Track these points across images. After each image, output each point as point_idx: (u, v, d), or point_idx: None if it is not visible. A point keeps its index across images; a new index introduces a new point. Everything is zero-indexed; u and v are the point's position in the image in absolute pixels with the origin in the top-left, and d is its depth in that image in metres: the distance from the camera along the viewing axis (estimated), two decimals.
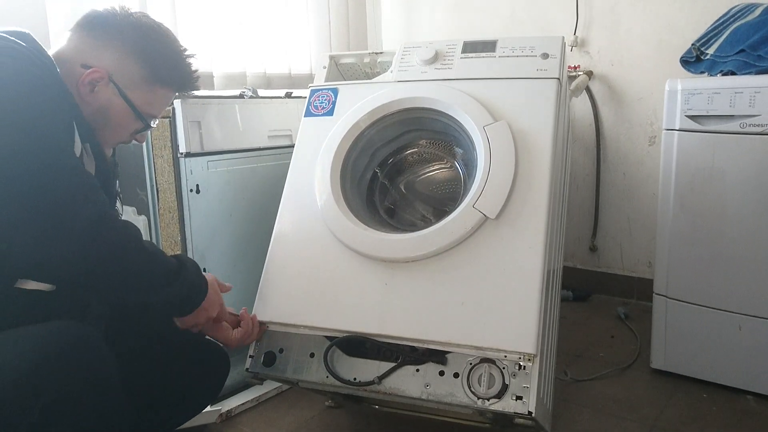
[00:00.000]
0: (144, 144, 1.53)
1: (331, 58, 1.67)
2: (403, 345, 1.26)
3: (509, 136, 1.34)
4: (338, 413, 1.67)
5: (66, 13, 1.72)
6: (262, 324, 1.37)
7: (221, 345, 1.35)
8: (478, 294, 1.24)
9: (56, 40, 1.67)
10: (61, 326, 0.97)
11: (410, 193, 1.62)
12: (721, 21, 1.83)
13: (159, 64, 1.15)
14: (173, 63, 1.17)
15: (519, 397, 1.17)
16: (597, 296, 2.53)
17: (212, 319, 1.22)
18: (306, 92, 1.61)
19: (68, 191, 0.93)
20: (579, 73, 2.43)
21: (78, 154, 1.06)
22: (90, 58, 1.09)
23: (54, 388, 0.91)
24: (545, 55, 1.43)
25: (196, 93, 1.99)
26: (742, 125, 1.60)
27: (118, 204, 1.27)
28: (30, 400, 0.88)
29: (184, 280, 1.10)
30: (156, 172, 1.56)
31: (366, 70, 1.70)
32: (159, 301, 1.08)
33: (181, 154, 1.59)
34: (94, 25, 1.12)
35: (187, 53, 1.20)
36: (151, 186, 1.56)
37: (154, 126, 1.25)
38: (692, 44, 1.84)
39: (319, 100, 1.57)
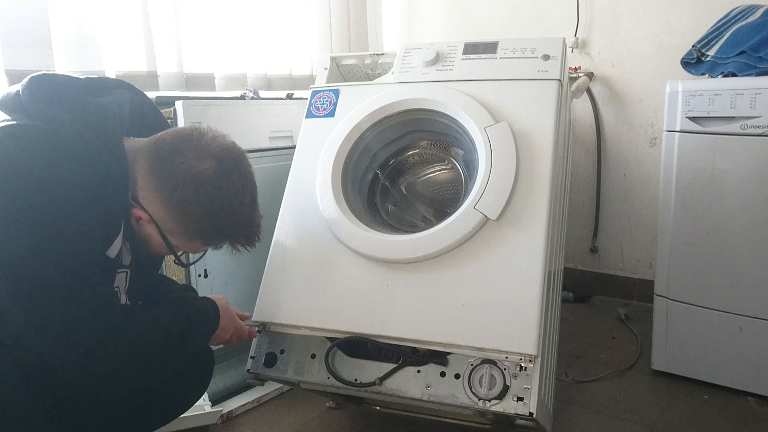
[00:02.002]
0: None
1: (332, 59, 1.68)
2: (404, 346, 1.26)
3: (510, 137, 1.34)
4: (339, 414, 1.67)
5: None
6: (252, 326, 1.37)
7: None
8: (479, 295, 1.24)
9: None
10: None
11: (411, 194, 1.62)
12: (721, 22, 1.83)
13: (198, 228, 1.09)
14: (217, 227, 1.10)
15: (520, 398, 1.17)
16: (598, 297, 2.53)
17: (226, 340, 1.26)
18: (307, 93, 1.62)
19: (75, 305, 0.93)
20: (580, 74, 2.43)
21: (114, 254, 1.05)
22: (140, 194, 1.06)
23: None
24: (546, 57, 1.43)
25: (198, 94, 2.01)
26: (742, 127, 1.60)
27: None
28: None
29: (194, 337, 1.12)
30: None
31: (367, 71, 1.70)
32: (177, 366, 1.13)
33: None
34: (157, 161, 1.05)
35: (239, 212, 1.11)
36: None
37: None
38: (693, 46, 1.84)
39: (320, 101, 1.57)
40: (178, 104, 1.60)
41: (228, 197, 1.08)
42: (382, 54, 1.67)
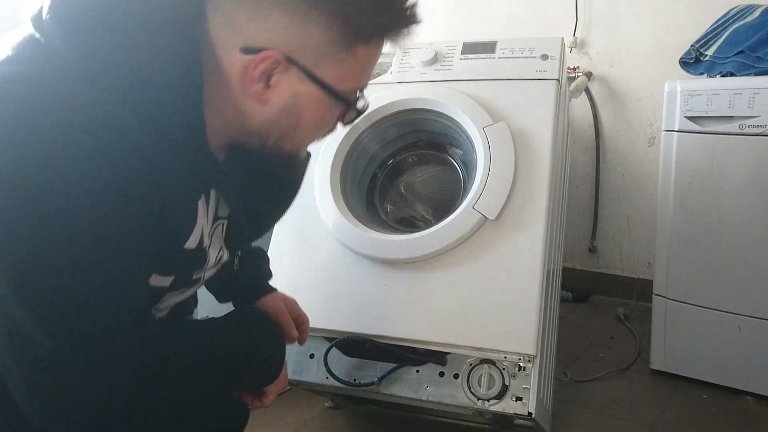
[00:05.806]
0: None
1: None
2: (403, 346, 1.26)
3: (509, 137, 1.34)
4: (338, 414, 1.67)
5: None
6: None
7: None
8: (478, 295, 1.24)
9: None
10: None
11: (410, 194, 1.62)
12: (720, 22, 1.83)
13: (352, 10, 0.71)
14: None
15: (519, 398, 1.17)
16: (596, 297, 2.53)
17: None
18: None
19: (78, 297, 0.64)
20: (578, 74, 2.43)
21: (197, 240, 0.78)
22: (251, 35, 0.68)
23: None
24: (545, 56, 1.43)
25: None
26: (741, 126, 1.60)
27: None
28: None
29: (254, 366, 0.86)
30: None
31: None
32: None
33: None
34: None
35: None
36: None
37: (365, 104, 0.85)
38: (691, 45, 1.84)
39: None
40: None
41: None
42: (381, 54, 1.66)
